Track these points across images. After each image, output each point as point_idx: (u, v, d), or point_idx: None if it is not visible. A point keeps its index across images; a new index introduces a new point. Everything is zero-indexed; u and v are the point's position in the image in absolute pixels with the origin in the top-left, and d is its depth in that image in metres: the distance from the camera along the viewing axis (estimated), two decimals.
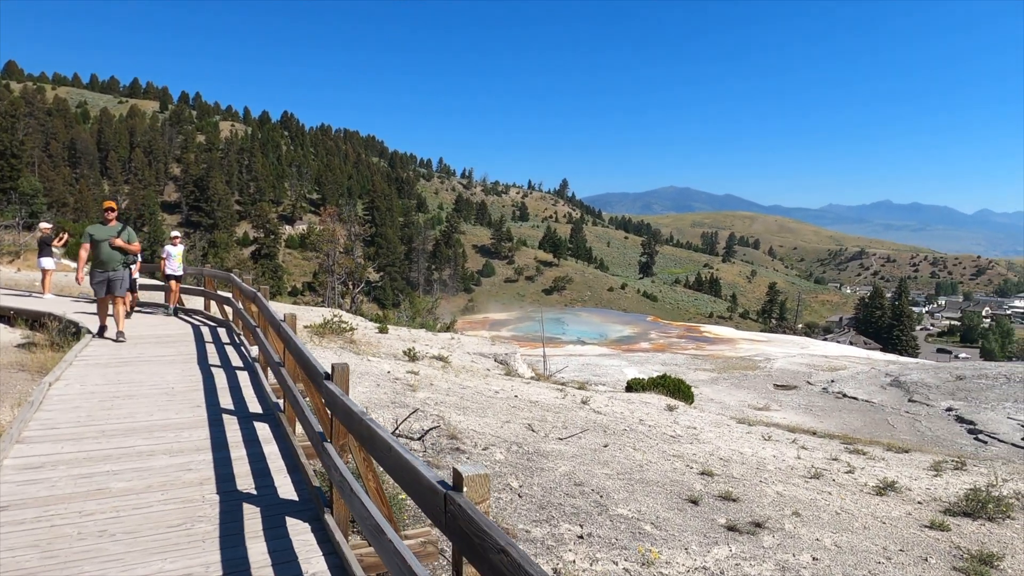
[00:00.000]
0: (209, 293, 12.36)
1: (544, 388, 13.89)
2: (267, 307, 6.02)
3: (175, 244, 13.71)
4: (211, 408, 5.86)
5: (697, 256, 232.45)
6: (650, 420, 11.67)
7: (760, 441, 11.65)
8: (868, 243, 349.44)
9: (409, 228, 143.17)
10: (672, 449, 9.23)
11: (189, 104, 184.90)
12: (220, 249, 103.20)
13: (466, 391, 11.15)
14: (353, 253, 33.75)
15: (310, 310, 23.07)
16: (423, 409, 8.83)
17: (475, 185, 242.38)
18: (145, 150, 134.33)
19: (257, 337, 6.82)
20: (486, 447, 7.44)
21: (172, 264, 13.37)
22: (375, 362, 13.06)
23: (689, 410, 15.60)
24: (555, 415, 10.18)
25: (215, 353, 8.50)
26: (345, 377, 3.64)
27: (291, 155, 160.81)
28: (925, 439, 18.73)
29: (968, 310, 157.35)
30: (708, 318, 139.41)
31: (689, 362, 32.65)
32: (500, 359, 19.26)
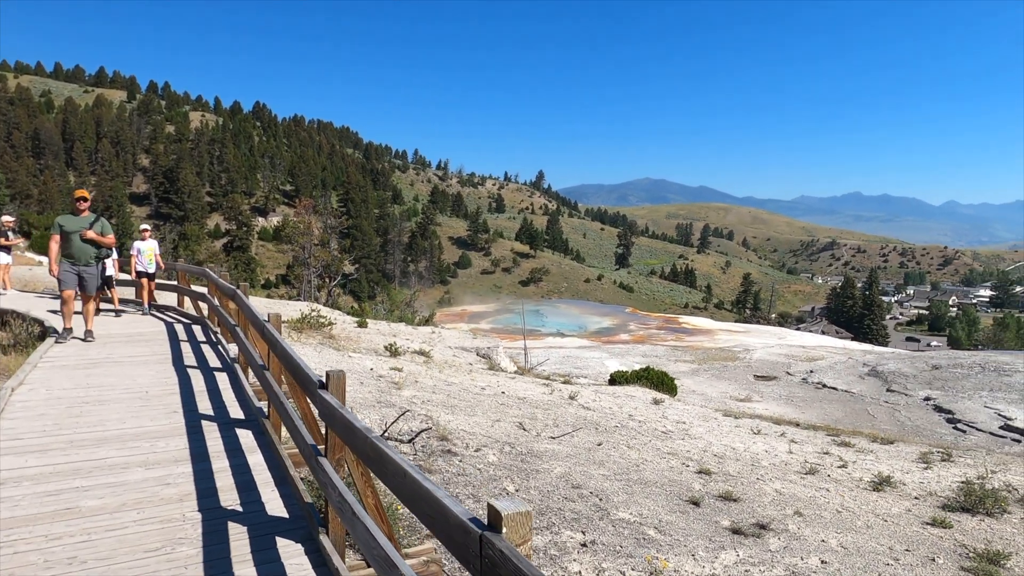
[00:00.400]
0: (183, 289, 11.84)
1: (530, 384, 13.64)
2: (248, 306, 5.66)
3: (144, 238, 12.91)
4: (189, 414, 5.49)
5: (672, 247, 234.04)
6: (639, 415, 11.49)
7: (750, 435, 11.52)
8: (839, 234, 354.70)
9: (384, 220, 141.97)
10: (666, 446, 9.04)
11: (158, 94, 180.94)
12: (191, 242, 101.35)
13: (452, 388, 10.85)
14: (329, 246, 33.14)
15: (286, 304, 22.57)
16: (410, 408, 8.52)
17: (451, 176, 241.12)
18: (112, 140, 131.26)
19: (237, 336, 6.44)
20: (478, 448, 7.16)
21: (142, 260, 12.57)
22: (356, 358, 12.70)
23: (675, 403, 15.47)
24: (545, 412, 9.93)
25: (191, 353, 8.08)
26: (341, 386, 3.33)
27: (264, 146, 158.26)
28: (905, 429, 18.84)
29: (936, 299, 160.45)
30: (684, 309, 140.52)
31: (669, 353, 32.65)
32: (482, 353, 18.98)
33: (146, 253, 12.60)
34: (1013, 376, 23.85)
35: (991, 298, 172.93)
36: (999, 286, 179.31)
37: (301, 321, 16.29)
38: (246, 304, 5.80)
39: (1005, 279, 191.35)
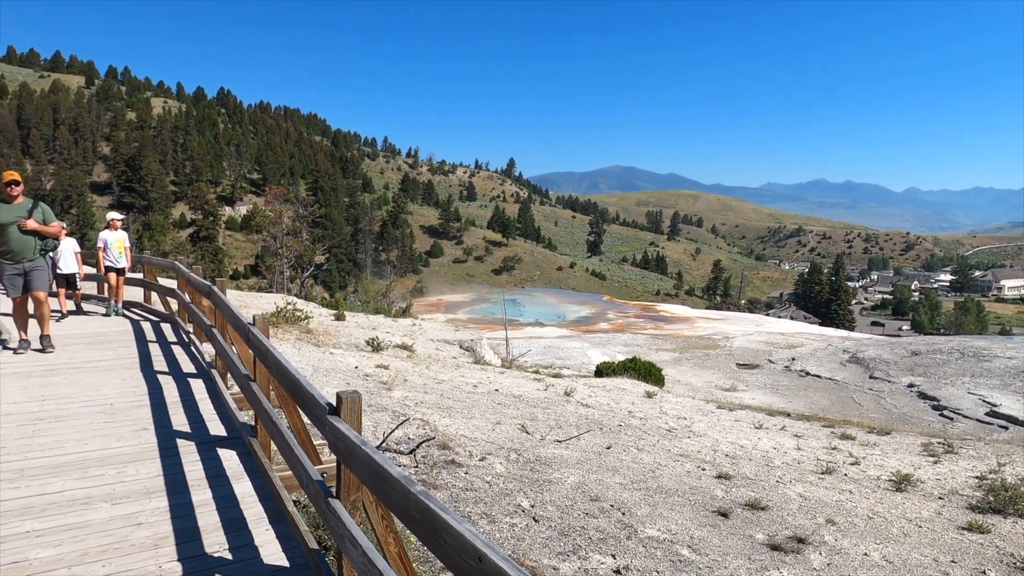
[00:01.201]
0: (150, 283, 10.87)
1: (521, 379, 13.05)
2: (228, 306, 4.95)
3: (114, 229, 11.34)
4: (162, 431, 4.77)
5: (643, 234, 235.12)
6: (639, 412, 10.98)
7: (752, 431, 11.10)
8: (805, 220, 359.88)
9: (355, 208, 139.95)
10: (675, 446, 8.53)
11: (117, 79, 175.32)
12: (156, 232, 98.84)
13: (444, 387, 10.22)
14: (301, 235, 32.08)
15: (258, 296, 21.65)
16: (402, 411, 7.87)
17: (421, 164, 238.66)
18: (71, 127, 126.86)
19: (214, 339, 5.72)
20: (483, 457, 6.55)
21: (110, 254, 11.10)
22: (339, 355, 11.97)
23: (667, 396, 15.03)
24: (544, 411, 9.35)
25: (161, 356, 7.29)
26: (357, 412, 2.70)
27: (229, 133, 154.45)
28: (893, 417, 18.70)
29: (899, 284, 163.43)
30: (655, 296, 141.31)
31: (650, 342, 32.35)
32: (465, 346, 18.34)
33: (115, 246, 11.14)
34: (992, 361, 23.96)
35: (951, 282, 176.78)
36: (958, 271, 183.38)
37: (276, 315, 15.48)
38: (225, 304, 5.09)
39: (964, 264, 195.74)
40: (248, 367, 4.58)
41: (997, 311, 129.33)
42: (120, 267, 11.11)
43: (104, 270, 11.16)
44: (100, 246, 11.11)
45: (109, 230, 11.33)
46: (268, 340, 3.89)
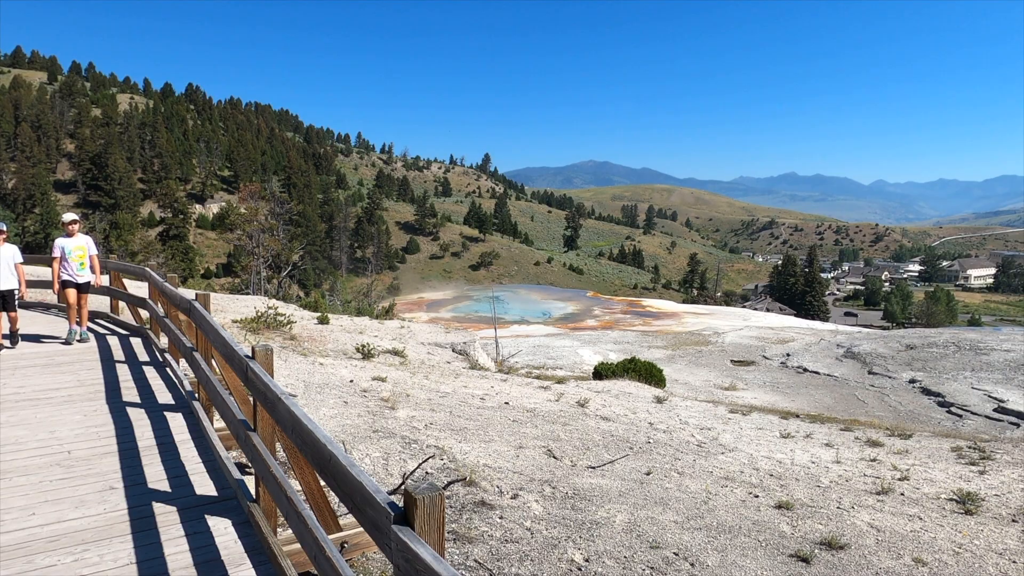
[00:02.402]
0: (118, 292, 9.55)
1: (528, 388, 12.13)
2: (216, 329, 3.95)
3: (71, 233, 9.00)
4: (134, 490, 3.75)
5: (619, 229, 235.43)
6: (660, 423, 10.13)
7: (780, 440, 10.31)
8: (777, 213, 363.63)
9: (329, 205, 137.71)
10: (713, 466, 7.67)
11: (82, 75, 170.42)
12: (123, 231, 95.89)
13: (449, 401, 9.25)
14: (277, 233, 30.75)
15: (235, 299, 20.43)
16: (412, 436, 6.91)
17: (396, 160, 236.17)
18: (33, 125, 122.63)
19: (196, 367, 4.70)
20: (514, 494, 5.62)
21: (69, 265, 8.81)
22: (329, 365, 10.95)
23: (676, 400, 14.23)
24: (564, 428, 8.44)
25: (131, 381, 6.21)
26: (438, 520, 1.75)
27: (199, 130, 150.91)
28: (900, 415, 18.14)
29: (869, 275, 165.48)
30: (633, 289, 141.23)
31: (640, 339, 31.63)
32: (458, 349, 17.38)
33: (74, 255, 8.87)
34: (990, 355, 23.60)
35: (920, 273, 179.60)
36: (927, 261, 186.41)
37: (257, 320, 14.40)
38: (211, 326, 4.09)
39: (932, 254, 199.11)
40: (245, 410, 3.60)
41: (965, 300, 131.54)
42: (81, 282, 8.88)
43: (60, 286, 8.85)
44: (56, 255, 8.86)
45: (66, 234, 9.09)
46: (274, 381, 2.91)
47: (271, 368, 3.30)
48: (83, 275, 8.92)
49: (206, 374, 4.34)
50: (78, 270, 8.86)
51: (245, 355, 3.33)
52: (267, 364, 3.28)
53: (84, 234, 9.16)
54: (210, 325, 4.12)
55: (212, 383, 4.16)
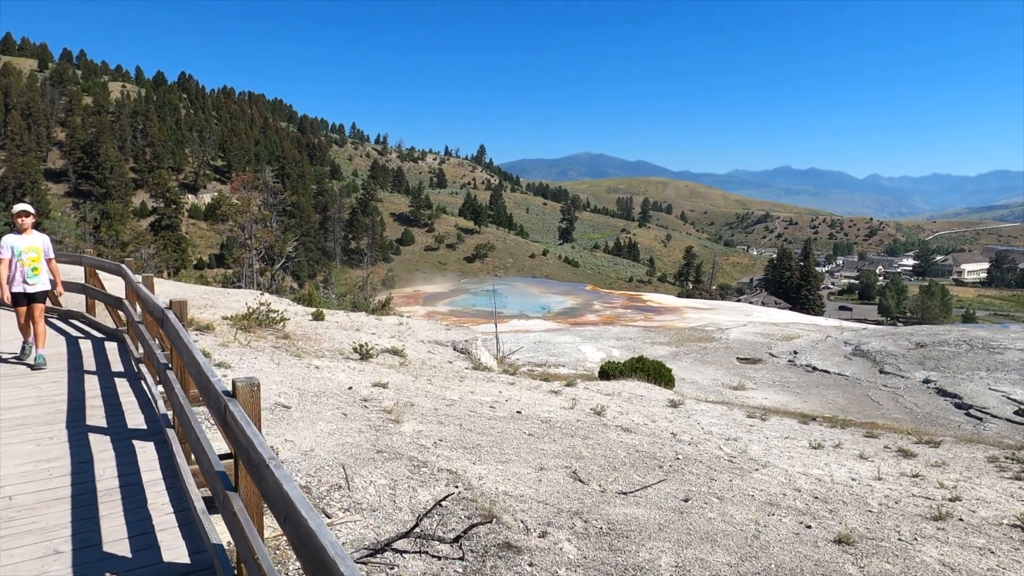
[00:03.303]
0: (93, 290, 8.66)
1: (538, 392, 11.38)
2: (191, 350, 3.17)
3: (23, 229, 7.17)
4: (84, 556, 2.95)
5: (614, 221, 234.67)
6: (683, 433, 9.40)
7: (811, 452, 9.60)
8: (772, 207, 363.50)
9: (323, 196, 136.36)
10: (752, 487, 6.95)
11: (73, 63, 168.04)
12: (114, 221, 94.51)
13: (456, 410, 8.49)
14: (270, 224, 29.84)
15: (226, 293, 19.59)
16: (421, 456, 6.15)
17: (391, 151, 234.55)
18: (23, 113, 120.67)
19: (171, 389, 3.92)
20: (542, 532, 4.87)
21: (18, 272, 6.94)
22: (325, 369, 10.17)
23: (691, 403, 13.52)
24: (585, 443, 7.69)
25: (99, 398, 5.37)
26: None
27: (191, 119, 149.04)
28: (918, 418, 17.49)
29: (864, 269, 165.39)
30: (629, 282, 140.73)
31: (643, 335, 30.91)
32: (460, 347, 16.60)
33: (26, 257, 7.03)
34: (1004, 354, 23.00)
35: (914, 267, 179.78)
36: (921, 255, 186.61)
37: (248, 317, 13.59)
38: (186, 346, 3.30)
39: (926, 249, 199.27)
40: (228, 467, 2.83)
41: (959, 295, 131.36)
42: (33, 291, 6.97)
43: (10, 298, 6.90)
44: (4, 256, 6.90)
45: (14, 233, 7.19)
46: (260, 436, 2.14)
47: (257, 411, 2.53)
48: (36, 283, 7.04)
49: (180, 402, 3.57)
50: (30, 276, 7.00)
51: (224, 391, 2.56)
52: (252, 405, 2.51)
53: (39, 231, 7.40)
54: (183, 344, 3.35)
55: (186, 414, 3.38)
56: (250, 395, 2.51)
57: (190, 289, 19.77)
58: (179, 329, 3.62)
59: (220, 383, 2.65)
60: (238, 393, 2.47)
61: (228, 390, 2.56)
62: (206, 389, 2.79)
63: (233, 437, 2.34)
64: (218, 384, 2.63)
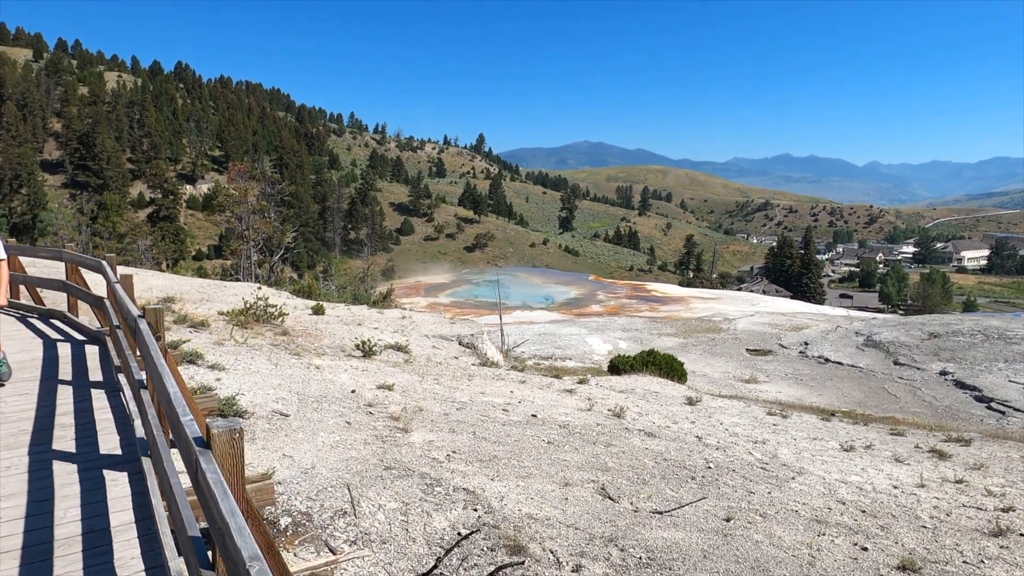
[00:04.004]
0: (74, 288, 7.99)
1: (551, 392, 10.79)
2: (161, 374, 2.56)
3: None
4: None
5: (614, 210, 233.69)
6: (708, 436, 8.81)
7: (845, 455, 9.03)
8: (772, 195, 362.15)
9: (322, 186, 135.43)
10: (793, 500, 6.37)
11: (68, 52, 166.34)
12: (112, 212, 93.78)
13: (468, 415, 7.90)
14: (268, 215, 29.15)
15: (224, 286, 18.95)
16: (434, 472, 5.56)
17: (389, 140, 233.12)
18: (18, 103, 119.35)
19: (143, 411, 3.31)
20: (575, 564, 4.29)
21: None
22: (326, 368, 9.57)
23: (707, 400, 12.95)
24: (608, 451, 7.11)
25: (71, 415, 4.69)
26: None
27: (188, 109, 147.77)
28: (938, 412, 16.94)
29: (864, 257, 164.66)
30: (629, 271, 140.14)
31: (649, 326, 30.31)
32: (465, 342, 16.02)
33: None
34: (1022, 344, 22.43)
35: (914, 254, 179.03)
36: (921, 243, 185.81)
37: (245, 312, 13.00)
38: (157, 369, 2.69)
39: (926, 236, 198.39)
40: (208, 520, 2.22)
41: (959, 282, 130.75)
42: None
43: None
44: None
45: None
46: (237, 513, 1.54)
47: (240, 467, 1.93)
48: None
49: (153, 434, 2.97)
50: None
51: (196, 437, 1.96)
52: (233, 462, 1.89)
53: None
54: (153, 365, 2.75)
55: (159, 454, 2.77)
56: (230, 447, 1.90)
57: (186, 282, 19.16)
58: (150, 345, 3.02)
59: (192, 425, 2.05)
60: (214, 444, 1.87)
61: (200, 436, 1.96)
62: (176, 428, 2.19)
63: (206, 507, 1.75)
64: (189, 427, 2.03)
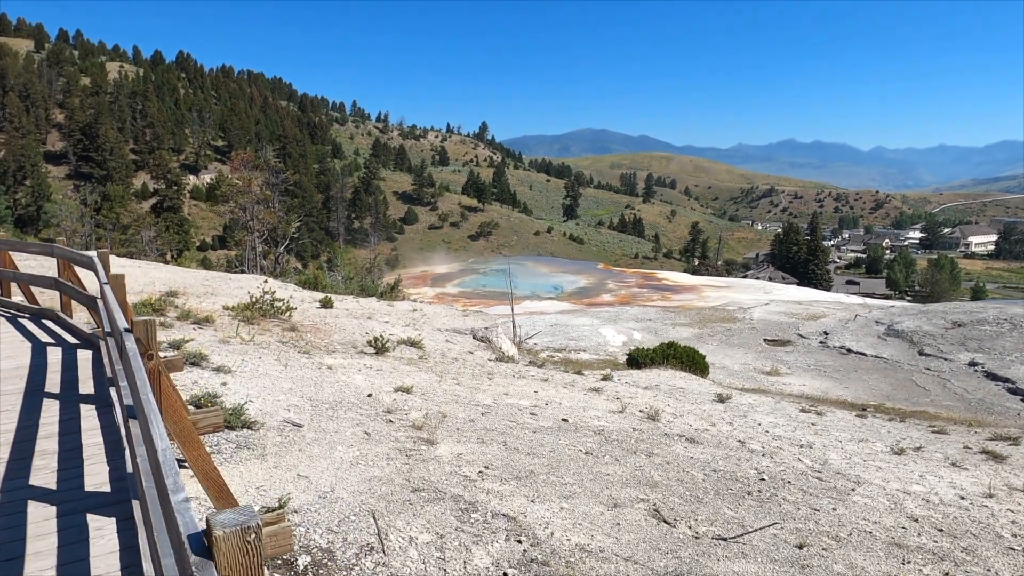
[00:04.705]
0: (67, 287, 7.32)
1: (576, 390, 10.17)
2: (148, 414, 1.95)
3: None
4: None
5: (618, 197, 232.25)
6: (752, 440, 8.18)
7: (897, 459, 8.40)
8: (777, 181, 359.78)
9: (325, 175, 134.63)
10: (862, 519, 5.74)
11: (69, 43, 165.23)
12: (115, 203, 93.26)
13: (493, 420, 7.27)
14: (273, 205, 28.48)
15: (228, 279, 18.38)
16: (467, 494, 4.95)
17: (392, 129, 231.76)
18: (21, 94, 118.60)
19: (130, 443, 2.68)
20: None
21: None
22: (339, 369, 8.96)
23: (737, 396, 12.33)
24: (651, 461, 6.48)
25: (55, 436, 4.09)
26: None
27: (190, 99, 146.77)
28: (971, 405, 16.29)
29: (870, 243, 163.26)
30: (634, 259, 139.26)
31: (663, 316, 29.65)
32: (480, 336, 15.41)
33: None
34: None
35: (921, 240, 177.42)
36: (928, 228, 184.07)
37: (251, 307, 12.38)
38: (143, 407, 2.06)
39: (933, 221, 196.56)
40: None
41: (967, 267, 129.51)
42: None
43: None
44: None
45: None
46: None
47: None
48: None
49: (142, 486, 2.34)
50: None
51: (191, 535, 1.33)
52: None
53: None
54: (140, 402, 2.12)
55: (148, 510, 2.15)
56: (241, 556, 1.27)
57: (190, 274, 18.58)
58: (136, 372, 2.38)
59: (185, 512, 1.42)
60: (218, 554, 1.24)
61: (198, 531, 1.34)
62: (165, 509, 1.56)
63: None
64: (182, 513, 1.40)
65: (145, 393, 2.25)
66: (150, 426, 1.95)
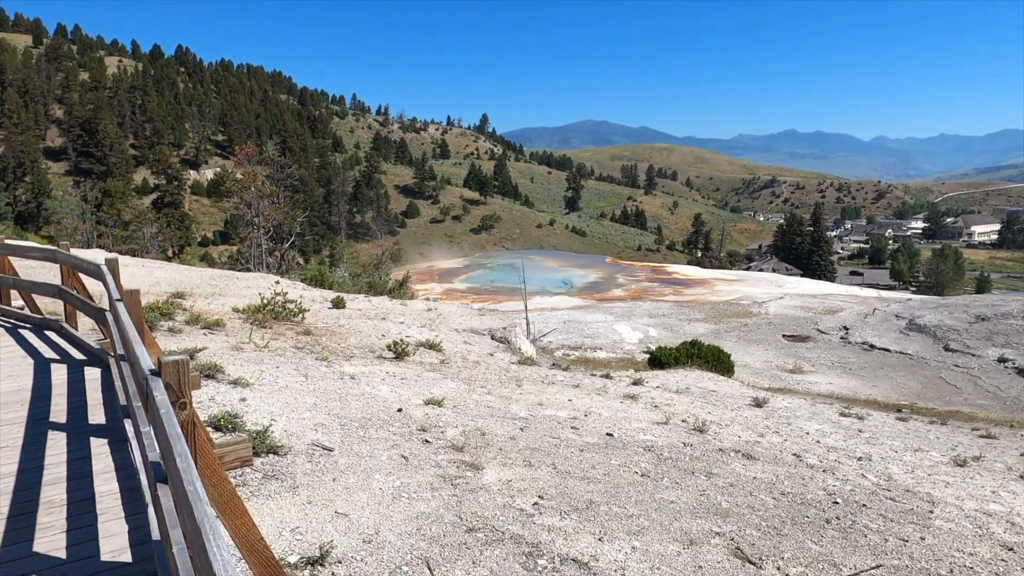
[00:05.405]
0: (70, 294, 6.74)
1: (609, 398, 9.61)
2: (197, 515, 1.43)
3: None
4: None
5: (620, 189, 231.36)
6: (807, 453, 7.62)
7: (960, 471, 7.86)
8: (778, 171, 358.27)
9: (326, 169, 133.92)
10: (957, 552, 5.18)
11: (68, 38, 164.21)
12: (116, 199, 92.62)
13: (535, 437, 6.72)
14: (278, 201, 27.89)
15: (236, 278, 17.83)
16: (527, 534, 4.39)
17: (392, 122, 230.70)
18: (19, 90, 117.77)
19: (165, 535, 2.14)
20: None
21: None
22: (362, 379, 8.40)
23: (772, 399, 11.77)
24: (712, 484, 5.93)
25: (63, 484, 3.53)
26: None
27: (190, 93, 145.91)
28: (1007, 404, 15.75)
29: (873, 233, 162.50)
30: (637, 251, 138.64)
31: (677, 311, 29.07)
32: (498, 336, 14.87)
33: None
34: None
35: (923, 230, 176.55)
36: (930, 218, 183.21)
37: (263, 310, 11.85)
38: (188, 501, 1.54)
39: (935, 211, 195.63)
40: None
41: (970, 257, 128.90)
42: None
43: None
44: None
45: None
46: None
47: None
48: None
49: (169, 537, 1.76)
50: None
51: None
52: None
53: None
54: (180, 482, 1.57)
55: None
56: None
57: (195, 274, 18.04)
58: (170, 431, 1.81)
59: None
60: None
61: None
62: None
63: None
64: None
65: (185, 466, 1.68)
66: (198, 525, 1.39)
